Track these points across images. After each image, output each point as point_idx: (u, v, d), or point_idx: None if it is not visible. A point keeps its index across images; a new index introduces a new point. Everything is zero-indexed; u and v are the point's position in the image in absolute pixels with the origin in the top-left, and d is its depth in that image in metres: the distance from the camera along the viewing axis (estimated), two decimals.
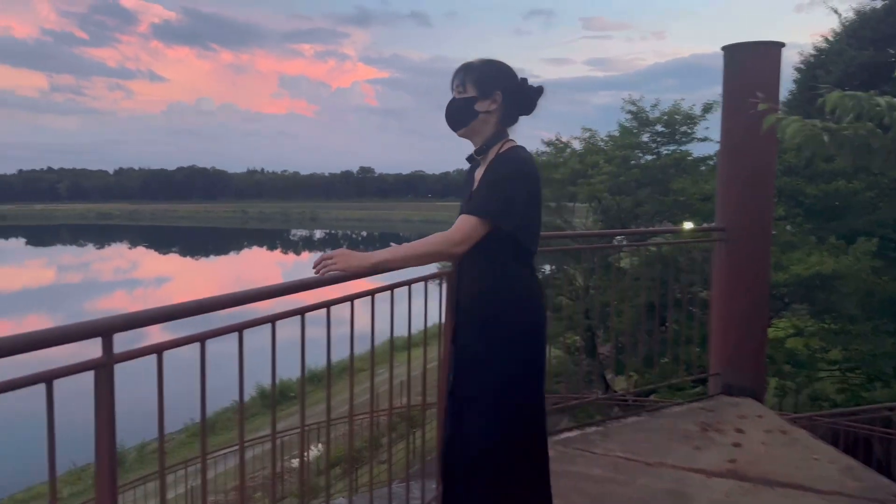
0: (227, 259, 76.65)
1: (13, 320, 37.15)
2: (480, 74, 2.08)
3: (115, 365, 1.41)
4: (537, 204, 2.05)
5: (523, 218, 1.99)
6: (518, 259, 2.05)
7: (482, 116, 2.08)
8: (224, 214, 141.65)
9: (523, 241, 2.03)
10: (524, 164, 2.02)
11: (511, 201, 1.97)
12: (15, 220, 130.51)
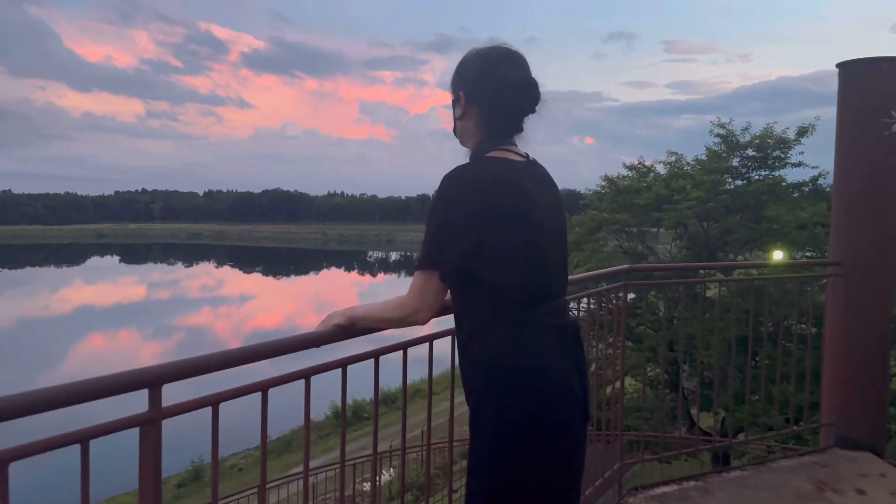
0: (307, 279, 78.65)
1: (106, 334, 39.22)
2: (454, 74, 1.70)
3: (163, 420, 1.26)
4: (494, 229, 1.46)
5: (465, 256, 1.45)
6: (497, 315, 1.49)
7: (458, 125, 1.69)
8: (305, 236, 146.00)
9: (494, 287, 1.48)
10: (446, 185, 1.49)
11: (438, 239, 1.48)
12: (112, 238, 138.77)
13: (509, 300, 1.49)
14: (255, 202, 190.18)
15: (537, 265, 1.53)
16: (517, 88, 1.58)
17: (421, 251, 1.53)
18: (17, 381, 27.23)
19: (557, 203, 1.66)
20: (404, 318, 1.56)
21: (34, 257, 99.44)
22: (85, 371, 29.96)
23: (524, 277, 1.50)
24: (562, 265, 1.64)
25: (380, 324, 1.66)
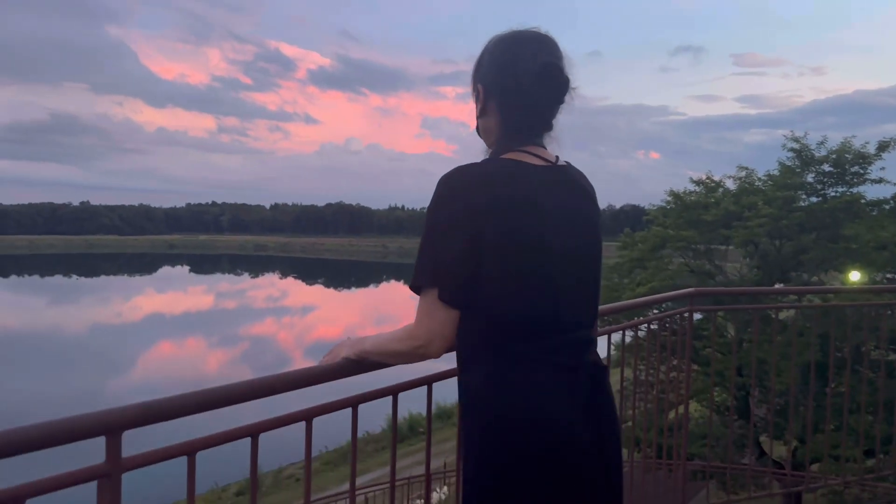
0: (367, 291, 79.62)
1: (175, 342, 40.59)
2: (475, 66, 1.48)
3: (124, 473, 1.08)
4: (487, 244, 1.24)
5: (458, 268, 1.25)
6: (488, 346, 1.28)
7: (479, 124, 1.47)
8: (366, 248, 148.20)
9: (484, 313, 1.26)
10: (438, 188, 1.30)
11: (432, 251, 1.28)
12: (182, 249, 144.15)
13: (501, 330, 1.27)
14: (318, 215, 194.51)
15: (541, 291, 1.27)
16: (536, 76, 1.34)
17: (416, 265, 1.32)
18: (89, 386, 28.48)
19: (586, 217, 1.39)
20: (413, 351, 1.34)
21: (109, 266, 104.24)
22: (152, 378, 30.96)
23: (521, 305, 1.26)
24: (582, 293, 1.36)
25: (389, 359, 1.44)
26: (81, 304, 59.88)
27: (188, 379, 30.29)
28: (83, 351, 37.25)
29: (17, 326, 45.86)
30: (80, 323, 48.00)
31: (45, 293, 68.84)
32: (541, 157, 1.37)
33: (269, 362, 34.68)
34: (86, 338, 42.26)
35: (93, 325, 47.05)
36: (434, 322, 1.29)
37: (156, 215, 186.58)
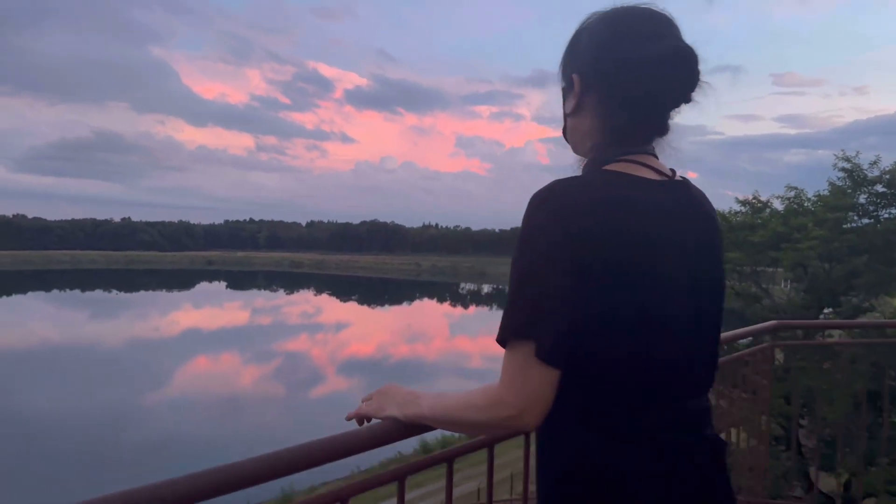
0: (400, 309, 79.65)
1: (211, 356, 40.98)
2: (566, 50, 1.19)
3: None
4: (592, 286, 0.95)
5: (561, 316, 0.95)
6: (580, 412, 1.01)
7: (569, 123, 1.19)
8: (399, 266, 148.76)
9: (582, 369, 0.98)
10: (532, 212, 1.00)
11: (528, 292, 0.97)
12: (220, 265, 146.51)
13: (601, 396, 1.00)
14: (353, 233, 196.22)
15: (656, 346, 0.99)
16: (658, 64, 1.04)
17: (504, 314, 1.00)
18: (124, 399, 28.85)
19: (711, 251, 1.09)
20: (499, 421, 1.01)
21: (148, 281, 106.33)
22: (187, 392, 31.21)
23: (629, 363, 0.99)
24: (704, 347, 1.07)
25: (460, 429, 1.13)
26: (121, 318, 61.04)
27: (223, 394, 30.53)
28: (121, 365, 37.82)
29: (59, 340, 46.88)
30: (119, 337, 48.87)
31: (85, 307, 70.44)
32: (655, 170, 1.08)
33: (303, 378, 34.76)
34: (123, 352, 42.97)
35: (131, 340, 47.84)
36: (530, 385, 0.98)
37: (195, 232, 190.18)
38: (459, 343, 50.21)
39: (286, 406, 29.20)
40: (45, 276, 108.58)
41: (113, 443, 22.43)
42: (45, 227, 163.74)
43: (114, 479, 18.80)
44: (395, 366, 38.99)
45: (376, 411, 1.25)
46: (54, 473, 18.94)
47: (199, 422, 25.88)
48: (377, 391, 1.28)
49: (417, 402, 1.18)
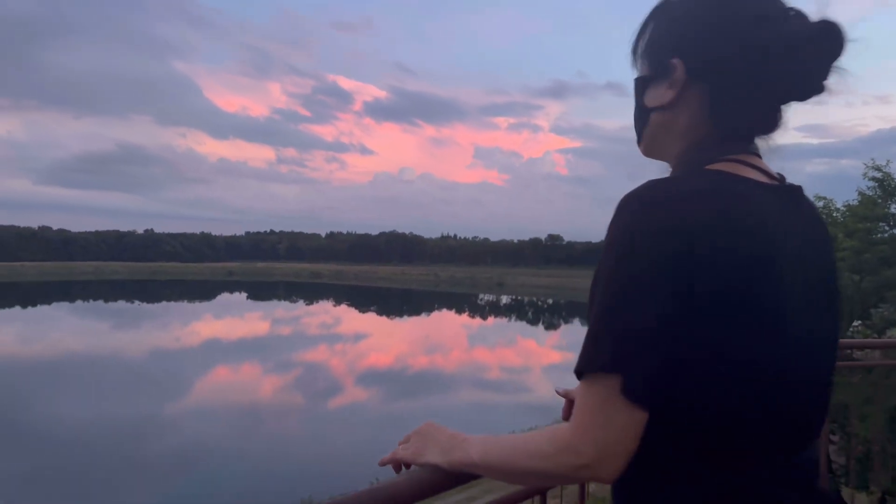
0: (419, 320, 79.60)
1: (230, 367, 41.18)
2: (655, 29, 0.99)
3: None
4: (707, 318, 0.80)
5: (657, 347, 0.80)
6: (683, 466, 0.85)
7: (655, 119, 0.99)
8: (418, 277, 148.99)
9: (681, 412, 0.83)
10: (631, 217, 0.83)
11: (618, 317, 0.81)
12: (240, 276, 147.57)
13: (703, 444, 0.83)
14: (372, 243, 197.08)
15: (770, 385, 0.82)
16: (796, 47, 0.86)
17: (587, 341, 0.83)
18: (146, 409, 29.05)
19: (830, 271, 0.93)
20: (570, 471, 0.83)
21: (170, 292, 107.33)
22: (208, 403, 31.41)
23: (739, 406, 0.81)
24: (821, 390, 0.91)
25: (518, 478, 0.96)
26: (143, 329, 61.66)
27: (244, 404, 30.63)
28: (143, 375, 38.16)
29: (83, 350, 47.45)
30: (141, 348, 49.36)
31: (109, 318, 71.28)
32: (764, 172, 0.93)
33: (321, 388, 34.77)
34: (145, 362, 43.36)
35: (152, 350, 48.29)
36: (611, 429, 0.79)
37: (216, 243, 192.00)
38: (478, 354, 50.06)
39: (305, 416, 29.24)
40: (69, 287, 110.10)
41: (135, 452, 22.56)
42: (69, 238, 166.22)
43: (136, 487, 18.90)
44: (413, 377, 38.90)
45: (415, 456, 1.10)
46: (77, 483, 19.08)
47: (219, 432, 25.98)
48: (415, 432, 1.13)
49: (465, 447, 1.02)
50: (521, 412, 31.44)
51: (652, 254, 0.79)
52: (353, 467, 21.71)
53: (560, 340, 62.72)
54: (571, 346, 60.21)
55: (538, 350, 53.37)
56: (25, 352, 46.19)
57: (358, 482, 13.55)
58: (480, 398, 35.05)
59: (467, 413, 31.72)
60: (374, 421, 29.81)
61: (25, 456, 22.59)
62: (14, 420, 26.97)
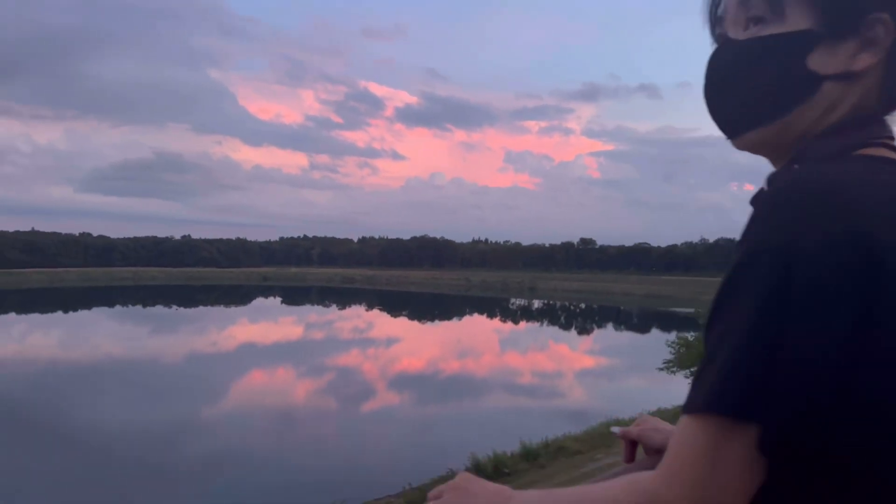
0: (450, 324, 79.70)
1: (265, 371, 41.81)
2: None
3: None
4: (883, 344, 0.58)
5: (819, 387, 0.58)
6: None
7: (831, 90, 0.73)
8: (449, 281, 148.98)
9: (839, 468, 0.61)
10: (786, 226, 0.61)
11: (757, 354, 0.59)
12: (275, 281, 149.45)
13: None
14: (403, 248, 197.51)
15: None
16: None
17: (709, 373, 0.64)
18: (182, 412, 29.64)
19: None
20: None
21: (207, 297, 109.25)
22: (243, 406, 31.87)
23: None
24: None
25: None
26: (180, 333, 62.90)
27: (278, 408, 31.06)
28: (177, 379, 38.96)
29: (122, 354, 48.60)
30: (177, 352, 50.39)
31: (147, 322, 72.85)
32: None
33: (354, 392, 35.05)
34: (181, 366, 44.25)
35: (189, 354, 49.25)
36: (725, 488, 0.60)
37: (251, 248, 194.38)
38: (510, 359, 49.95)
39: (338, 420, 29.52)
40: (109, 292, 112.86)
41: (171, 454, 23.05)
42: (109, 244, 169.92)
43: (172, 489, 19.31)
44: (445, 381, 38.99)
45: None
46: (115, 484, 19.57)
47: (253, 435, 26.38)
48: (450, 486, 0.89)
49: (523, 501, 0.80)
50: (555, 418, 31.03)
51: (826, 265, 0.58)
52: (385, 472, 21.95)
53: (593, 345, 62.14)
54: (604, 352, 59.77)
55: (571, 355, 52.97)
56: (67, 356, 47.52)
57: (390, 487, 13.68)
58: (512, 403, 34.92)
59: (499, 418, 31.68)
60: (406, 425, 29.98)
61: (66, 456, 23.27)
62: (55, 422, 27.78)
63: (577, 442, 21.15)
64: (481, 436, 24.19)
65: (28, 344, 52.57)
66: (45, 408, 30.12)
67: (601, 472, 12.11)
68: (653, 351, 58.51)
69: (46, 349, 49.41)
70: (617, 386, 40.46)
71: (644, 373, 46.64)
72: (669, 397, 28.82)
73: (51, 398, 32.82)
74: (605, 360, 51.37)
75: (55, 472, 21.28)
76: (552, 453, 19.72)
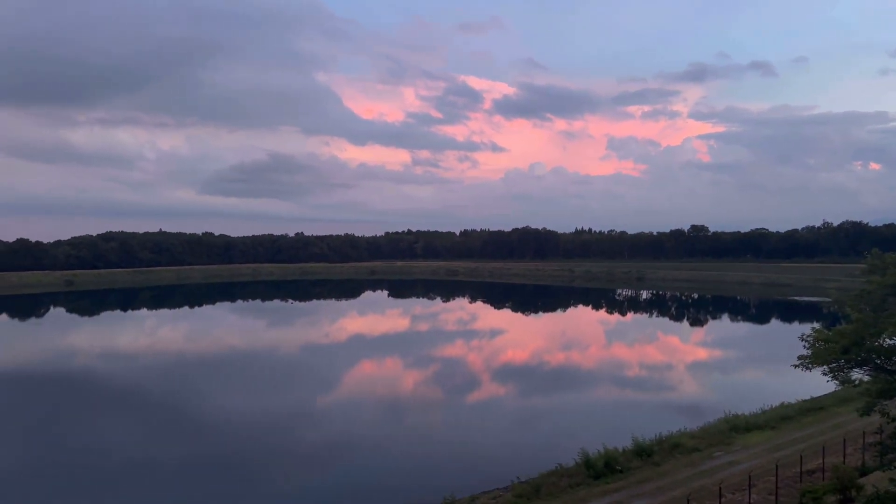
0: (554, 316, 78.75)
1: (374, 361, 42.94)
2: None
3: None
4: None
5: None
6: None
7: None
8: (552, 273, 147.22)
9: None
10: None
11: None
12: (382, 275, 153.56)
13: None
14: (505, 240, 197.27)
15: None
16: None
17: None
18: (297, 402, 30.99)
19: None
20: None
21: (319, 291, 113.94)
22: (355, 396, 32.77)
23: None
24: None
25: None
26: (296, 325, 65.91)
27: (387, 397, 31.87)
28: (293, 368, 40.87)
29: (243, 345, 51.47)
30: (293, 342, 52.85)
31: (265, 315, 76.81)
32: None
33: (459, 384, 35.29)
34: (297, 356, 46.37)
35: (304, 345, 51.54)
36: None
37: (359, 244, 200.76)
38: (617, 351, 48.70)
39: (444, 411, 29.89)
40: (230, 287, 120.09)
41: (289, 441, 24.21)
42: (229, 243, 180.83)
43: (288, 473, 20.30)
44: (550, 373, 38.56)
45: None
46: (235, 468, 20.79)
47: (364, 424, 27.19)
48: None
49: None
50: (668, 412, 29.67)
51: None
52: (492, 464, 21.82)
53: (706, 337, 59.21)
54: (719, 343, 56.60)
55: (683, 347, 50.78)
56: (194, 347, 50.95)
57: (498, 480, 13.65)
58: (622, 396, 33.81)
59: (608, 412, 30.70)
60: (512, 417, 29.67)
61: (194, 440, 24.97)
62: (180, 409, 29.81)
63: (694, 438, 20.94)
64: (590, 430, 24.88)
65: (159, 337, 56.82)
66: (175, 395, 32.42)
67: (721, 470, 11.59)
68: (773, 343, 55.22)
69: (175, 342, 53.24)
70: (734, 379, 38.83)
71: (764, 365, 43.90)
72: (793, 391, 27.04)
73: (179, 387, 35.30)
74: (720, 353, 48.79)
75: (183, 455, 22.92)
76: (667, 450, 19.51)
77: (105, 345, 51.14)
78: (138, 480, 19.53)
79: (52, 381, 35.61)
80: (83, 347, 49.51)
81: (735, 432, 20.54)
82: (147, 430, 25.79)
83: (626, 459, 18.04)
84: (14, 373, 38.61)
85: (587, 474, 16.76)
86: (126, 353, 46.44)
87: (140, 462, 21.35)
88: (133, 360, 42.80)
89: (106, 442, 23.86)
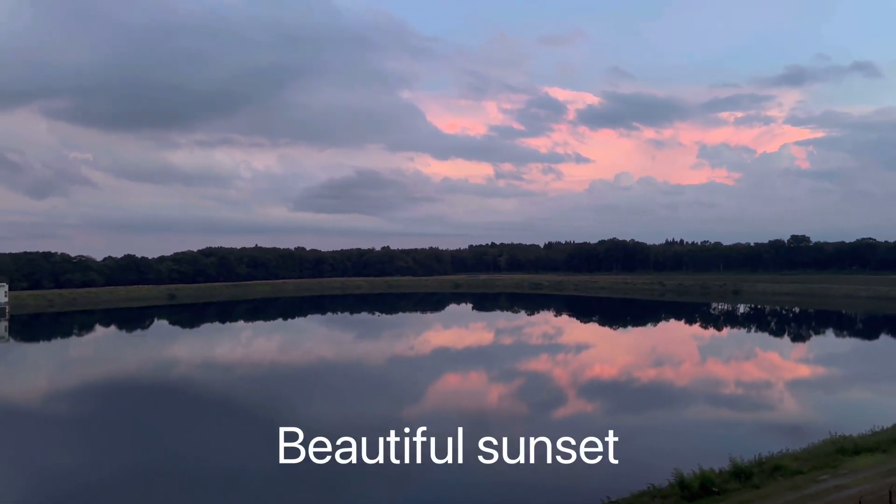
0: (644, 331, 76.55)
1: (458, 374, 43.11)
2: None
3: None
4: None
5: None
6: None
7: None
8: (641, 286, 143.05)
9: None
10: None
11: None
12: (466, 288, 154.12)
13: None
14: (591, 252, 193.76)
15: None
16: None
17: None
18: (384, 413, 31.43)
19: None
20: None
21: (405, 304, 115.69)
22: (439, 408, 32.83)
23: None
24: None
25: None
26: (383, 338, 67.19)
27: (471, 410, 31.86)
28: (380, 380, 41.59)
29: (333, 357, 52.93)
30: (380, 355, 53.88)
31: (353, 328, 78.72)
32: None
33: (545, 399, 34.86)
34: (383, 368, 47.20)
35: (390, 357, 52.45)
36: None
37: (443, 257, 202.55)
38: (711, 368, 46.73)
39: (528, 427, 29.55)
40: (320, 300, 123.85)
41: (372, 450, 24.58)
42: (320, 257, 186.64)
43: (373, 485, 20.57)
44: (640, 390, 37.46)
45: None
46: (335, 480, 21.31)
47: (447, 437, 27.24)
48: None
49: None
50: (766, 432, 28.26)
51: None
52: (581, 483, 21.10)
53: (809, 353, 55.76)
54: (823, 360, 53.11)
55: (783, 364, 48.12)
56: (287, 359, 52.84)
57: (588, 500, 13.36)
58: (717, 415, 32.32)
59: (703, 431, 29.44)
60: (600, 435, 28.79)
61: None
62: (275, 416, 30.80)
63: (797, 461, 19.90)
64: (684, 449, 24.06)
65: (254, 348, 59.28)
66: (269, 404, 33.62)
67: (827, 494, 10.91)
68: (882, 360, 51.54)
69: (270, 353, 55.36)
70: (840, 398, 36.66)
71: (873, 384, 40.97)
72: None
73: (274, 396, 36.62)
74: (824, 370, 45.93)
75: (275, 461, 23.64)
76: (767, 472, 18.65)
77: (205, 355, 53.90)
78: (233, 485, 20.31)
79: (156, 389, 37.85)
80: (185, 357, 52.37)
81: (842, 454, 19.28)
82: (243, 438, 26.84)
83: (722, 481, 17.30)
84: (122, 381, 41.32)
85: (681, 495, 16.18)
86: (224, 363, 48.77)
87: (236, 469, 22.23)
88: (230, 371, 44.88)
89: (205, 448, 25.04)
